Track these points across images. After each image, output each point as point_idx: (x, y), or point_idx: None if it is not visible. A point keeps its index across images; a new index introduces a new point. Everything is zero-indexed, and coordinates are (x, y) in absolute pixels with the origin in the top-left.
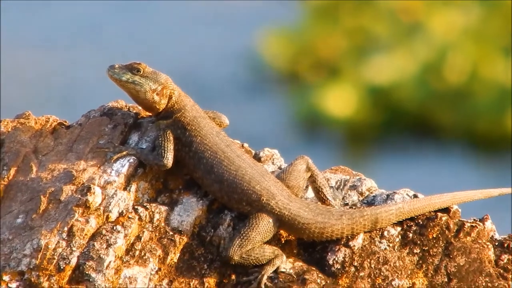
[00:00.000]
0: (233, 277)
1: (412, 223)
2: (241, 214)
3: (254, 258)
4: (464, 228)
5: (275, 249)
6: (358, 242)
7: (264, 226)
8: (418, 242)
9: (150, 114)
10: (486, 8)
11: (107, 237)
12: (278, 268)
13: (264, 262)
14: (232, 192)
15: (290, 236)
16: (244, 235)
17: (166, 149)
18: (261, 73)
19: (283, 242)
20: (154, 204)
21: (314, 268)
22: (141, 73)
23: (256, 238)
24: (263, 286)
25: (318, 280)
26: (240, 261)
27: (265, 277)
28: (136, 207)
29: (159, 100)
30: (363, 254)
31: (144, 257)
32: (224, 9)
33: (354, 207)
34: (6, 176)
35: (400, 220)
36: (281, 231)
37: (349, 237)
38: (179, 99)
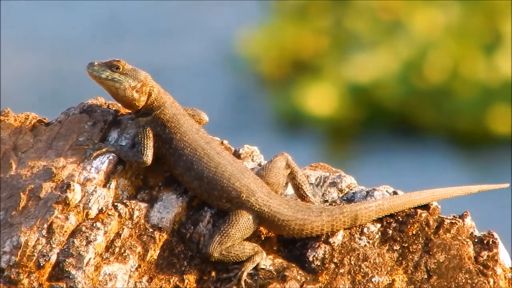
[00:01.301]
0: (213, 274)
1: (391, 220)
2: (221, 211)
3: (234, 255)
4: (444, 225)
5: (255, 245)
6: (338, 239)
7: (244, 223)
8: (398, 239)
9: (130, 111)
10: (467, 6)
11: (87, 234)
12: (258, 264)
13: (244, 259)
14: (212, 189)
15: (270, 233)
16: (224, 232)
17: (145, 146)
18: (242, 74)
19: (263, 239)
20: (133, 201)
21: (294, 265)
22: (121, 70)
23: (236, 235)
24: (243, 283)
25: (298, 277)
26: (220, 258)
27: (245, 273)
28: (115, 204)
29: (139, 97)
30: (343, 251)
31: (124, 254)
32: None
33: (334, 204)
34: None
35: (380, 217)
36: (261, 228)
37: (329, 234)
38: (159, 96)
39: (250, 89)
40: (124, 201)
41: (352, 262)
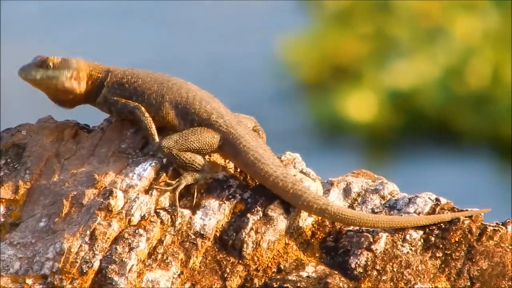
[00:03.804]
0: (256, 281)
1: (434, 227)
2: (265, 215)
3: (182, 158)
4: (487, 232)
5: (205, 163)
6: (380, 245)
7: (207, 137)
8: (441, 246)
9: (79, 104)
10: (505, 12)
11: (130, 241)
12: (197, 182)
13: (189, 169)
14: (186, 113)
15: (312, 239)
16: (185, 134)
17: (127, 106)
18: (282, 79)
19: (305, 246)
20: (176, 208)
21: (336, 272)
22: (52, 66)
23: (194, 144)
24: (177, 193)
25: (341, 284)
26: (168, 154)
27: (182, 186)
28: (158, 210)
29: (78, 84)
30: (385, 258)
31: (166, 261)
32: (236, 15)
33: (376, 211)
34: (28, 180)
35: (321, 215)
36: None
37: (372, 240)
38: (99, 69)
39: (290, 94)
40: (167, 208)
41: (395, 269)
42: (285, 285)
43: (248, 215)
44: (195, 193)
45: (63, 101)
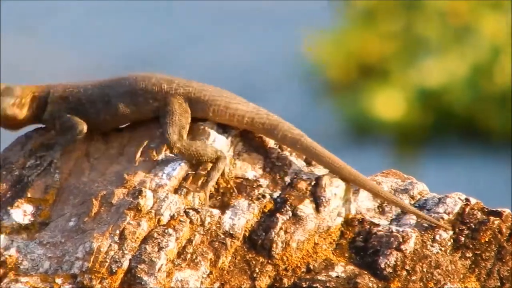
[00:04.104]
0: (285, 281)
1: (464, 227)
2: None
3: (194, 149)
4: None
5: (216, 150)
6: (410, 245)
7: (178, 107)
8: (471, 246)
9: (23, 126)
10: None
11: (159, 240)
12: (223, 172)
13: (205, 158)
14: (137, 97)
15: (342, 239)
16: (169, 122)
17: (68, 119)
18: (309, 78)
19: (334, 246)
20: (205, 208)
21: (365, 272)
22: None
23: (181, 121)
24: (207, 193)
25: (370, 284)
26: (181, 149)
27: (211, 183)
28: (187, 210)
29: (20, 110)
30: (415, 258)
31: (195, 260)
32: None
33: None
34: (58, 180)
35: (294, 149)
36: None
37: (401, 240)
38: (40, 90)
39: (317, 95)
40: (196, 208)
41: (424, 269)
42: (315, 285)
43: (278, 214)
44: (207, 194)
45: (8, 125)
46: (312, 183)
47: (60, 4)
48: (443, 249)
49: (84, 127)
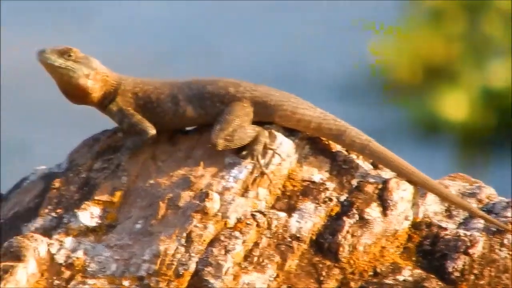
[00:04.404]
0: (352, 284)
1: None
2: (359, 214)
3: (238, 138)
4: None
5: (254, 126)
6: (477, 249)
7: (240, 109)
8: None
9: (84, 104)
10: None
11: (226, 243)
12: (265, 144)
13: (249, 140)
14: (204, 100)
15: (409, 243)
16: (222, 120)
17: (140, 121)
18: (375, 78)
19: (402, 249)
20: (272, 211)
21: (433, 276)
22: (74, 58)
23: (235, 121)
24: (261, 162)
25: None
26: (225, 144)
27: (259, 155)
28: (254, 213)
29: (93, 85)
30: (482, 262)
31: (262, 264)
32: (328, 9)
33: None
34: (125, 182)
35: (362, 154)
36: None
37: (469, 244)
38: (113, 76)
39: (384, 96)
40: (263, 211)
41: (492, 274)
42: None
43: (344, 218)
44: (259, 161)
45: (71, 95)
46: (379, 187)
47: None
48: (511, 253)
49: (154, 133)
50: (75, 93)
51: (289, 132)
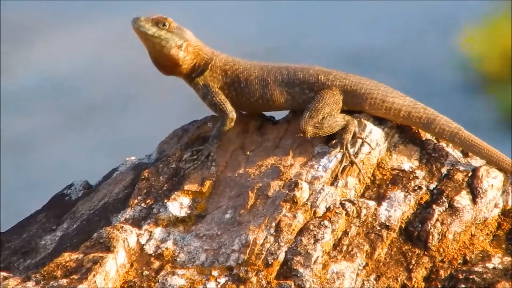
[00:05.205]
0: (441, 272)
1: None
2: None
3: (327, 125)
4: None
5: (344, 115)
6: None
7: (330, 97)
8: None
9: (173, 75)
10: None
11: (315, 233)
12: (354, 133)
13: (338, 128)
14: (293, 86)
15: (499, 230)
16: (312, 108)
17: (222, 102)
18: (466, 72)
19: (491, 237)
20: (361, 199)
21: None
22: (167, 27)
23: (325, 109)
24: (349, 150)
25: None
26: (314, 131)
27: (348, 144)
28: (343, 202)
29: (184, 56)
30: None
31: (351, 252)
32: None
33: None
34: (214, 172)
35: (451, 142)
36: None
37: None
38: (206, 50)
39: (474, 88)
40: (352, 199)
41: None
42: (471, 277)
43: (434, 206)
44: (349, 150)
45: (161, 65)
46: (469, 174)
47: None
48: None
49: (234, 116)
50: (166, 63)
51: (379, 121)
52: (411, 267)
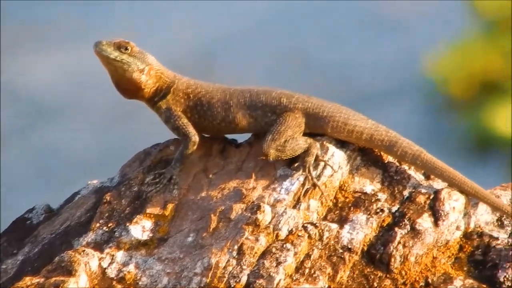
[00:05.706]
0: None
1: None
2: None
3: (290, 148)
4: None
5: (306, 138)
6: None
7: (292, 120)
8: None
9: (135, 99)
10: None
11: (277, 255)
12: (317, 156)
13: (300, 151)
14: (256, 109)
15: (460, 253)
16: (274, 131)
17: (185, 125)
18: (430, 95)
19: (453, 259)
20: (324, 222)
21: (484, 286)
22: (129, 52)
23: (287, 132)
24: (312, 173)
25: None
26: (277, 154)
27: (311, 167)
28: (305, 225)
29: (146, 80)
30: None
31: (314, 275)
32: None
33: None
34: (177, 195)
35: (414, 165)
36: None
37: None
38: (168, 74)
39: (439, 111)
40: (314, 222)
41: None
42: None
43: (396, 228)
44: (311, 173)
45: (123, 89)
46: (431, 197)
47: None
48: None
49: (197, 139)
50: (128, 87)
51: (341, 143)
52: None
